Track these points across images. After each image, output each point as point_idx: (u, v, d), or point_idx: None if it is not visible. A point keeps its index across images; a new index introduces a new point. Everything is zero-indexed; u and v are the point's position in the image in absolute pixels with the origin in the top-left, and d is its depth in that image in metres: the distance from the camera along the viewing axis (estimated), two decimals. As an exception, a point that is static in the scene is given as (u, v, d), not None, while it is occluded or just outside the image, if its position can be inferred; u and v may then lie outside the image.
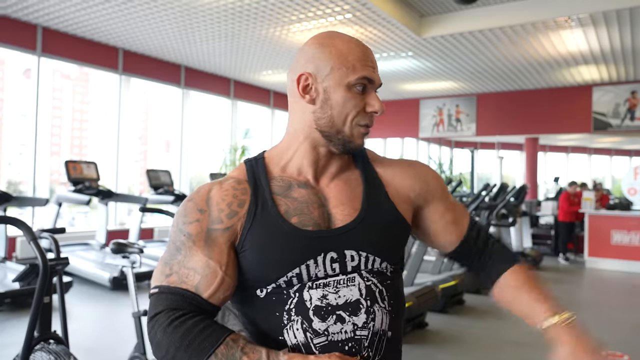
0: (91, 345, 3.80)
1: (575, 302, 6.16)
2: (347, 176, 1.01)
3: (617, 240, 8.09)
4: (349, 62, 0.92)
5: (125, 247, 2.94)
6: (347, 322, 0.88)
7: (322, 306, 0.89)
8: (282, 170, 0.99)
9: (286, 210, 0.93)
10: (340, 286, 0.90)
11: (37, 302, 1.89)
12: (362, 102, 0.94)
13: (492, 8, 6.52)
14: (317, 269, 0.90)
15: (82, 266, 5.94)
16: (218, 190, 0.95)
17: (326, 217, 0.94)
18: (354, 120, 0.94)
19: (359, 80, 0.92)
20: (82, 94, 24.90)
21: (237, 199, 0.94)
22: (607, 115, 9.53)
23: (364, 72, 0.93)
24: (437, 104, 11.20)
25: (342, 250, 0.91)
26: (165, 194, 6.99)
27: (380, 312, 0.91)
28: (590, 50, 7.61)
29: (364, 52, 0.95)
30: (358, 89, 0.93)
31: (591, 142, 16.63)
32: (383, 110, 0.94)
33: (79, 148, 24.53)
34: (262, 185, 0.96)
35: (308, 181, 0.98)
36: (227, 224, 0.92)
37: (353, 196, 0.97)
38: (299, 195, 0.95)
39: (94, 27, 6.83)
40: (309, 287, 0.90)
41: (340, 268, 0.91)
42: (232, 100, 9.90)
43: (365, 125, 0.95)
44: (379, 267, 0.94)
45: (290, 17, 6.29)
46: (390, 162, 1.06)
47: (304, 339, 0.88)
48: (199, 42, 7.41)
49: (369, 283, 0.92)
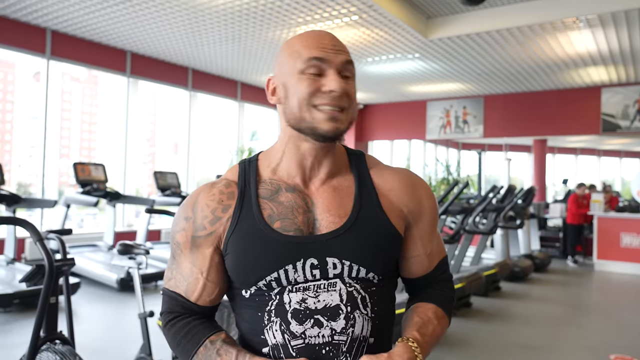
0: (98, 346, 3.82)
1: (584, 305, 6.11)
2: (338, 182, 0.98)
3: (627, 243, 8.02)
4: (297, 51, 0.92)
5: (131, 249, 2.96)
6: (325, 326, 0.89)
7: (300, 309, 0.90)
8: (273, 172, 0.99)
9: (270, 215, 0.94)
10: (321, 291, 0.91)
11: (43, 302, 1.90)
12: (315, 84, 0.90)
13: (499, 9, 6.49)
14: (296, 274, 0.91)
15: (90, 267, 5.98)
16: (206, 195, 0.98)
17: (311, 222, 0.94)
18: (309, 103, 0.90)
19: (307, 63, 0.90)
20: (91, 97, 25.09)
21: (222, 204, 0.96)
22: (616, 117, 9.45)
23: (309, 53, 0.90)
24: (444, 106, 11.16)
25: (324, 258, 0.91)
26: (172, 196, 7.02)
27: (362, 319, 0.91)
28: (598, 51, 7.56)
29: (315, 37, 0.93)
30: (311, 73, 0.91)
31: (600, 143, 16.51)
32: (341, 88, 0.89)
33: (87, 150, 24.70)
34: (250, 189, 0.97)
35: (297, 185, 0.97)
36: (210, 230, 0.96)
37: (342, 204, 0.95)
38: (285, 200, 0.95)
39: (102, 30, 6.89)
40: (289, 290, 0.91)
41: (321, 274, 0.91)
42: (239, 102, 9.93)
43: (324, 106, 0.89)
44: (364, 276, 0.93)
45: (296, 19, 6.30)
46: (390, 171, 1.03)
47: (282, 340, 0.91)
48: (206, 44, 7.45)
49: (351, 289, 0.91)
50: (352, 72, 0.94)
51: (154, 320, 3.74)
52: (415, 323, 0.96)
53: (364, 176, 1.00)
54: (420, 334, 0.94)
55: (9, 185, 12.35)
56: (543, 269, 7.99)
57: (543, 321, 5.00)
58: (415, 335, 0.93)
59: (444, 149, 15.49)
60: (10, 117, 23.24)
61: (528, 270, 7.13)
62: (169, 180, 7.26)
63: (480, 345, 4.15)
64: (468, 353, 3.94)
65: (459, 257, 5.90)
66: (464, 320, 4.86)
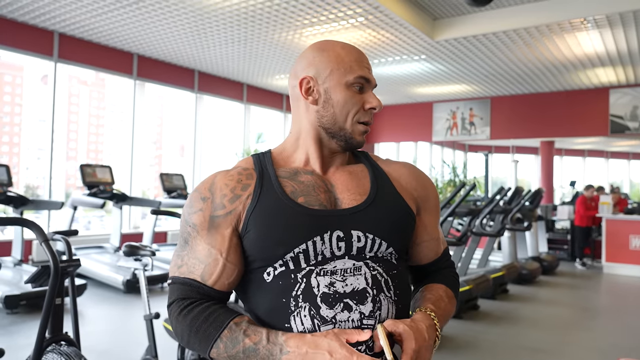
0: (104, 348, 3.83)
1: (593, 308, 6.05)
2: (352, 168, 1.04)
3: (636, 246, 7.94)
4: (347, 64, 0.98)
5: (137, 250, 2.96)
6: (354, 310, 0.89)
7: (329, 293, 0.89)
8: (287, 161, 1.04)
9: (292, 191, 0.96)
10: (347, 275, 0.91)
11: (48, 303, 1.90)
12: (361, 100, 0.99)
13: (505, 10, 6.46)
14: (323, 246, 0.92)
15: (96, 269, 5.99)
16: (223, 177, 0.99)
17: (332, 200, 0.97)
18: (354, 117, 0.99)
19: (356, 80, 0.98)
20: (98, 100, 25.23)
21: (241, 183, 0.98)
22: (624, 118, 9.37)
23: (360, 72, 0.99)
24: (450, 107, 11.12)
25: (349, 230, 0.93)
26: (178, 198, 7.04)
27: (387, 302, 0.92)
28: (606, 52, 7.50)
29: (359, 55, 1.01)
30: (356, 88, 0.99)
31: (608, 145, 16.38)
32: (381, 106, 0.99)
33: (95, 153, 24.83)
34: (268, 171, 1.00)
35: (314, 170, 1.02)
36: (229, 208, 0.95)
37: (360, 184, 1.01)
38: (305, 180, 0.99)
39: (109, 33, 6.92)
40: (316, 274, 0.90)
41: (346, 248, 0.92)
42: (245, 104, 9.94)
43: (365, 123, 1.00)
44: (384, 253, 0.95)
45: (302, 21, 6.30)
46: (394, 162, 1.11)
47: (312, 325, 0.88)
48: (212, 46, 7.47)
49: (375, 272, 0.93)
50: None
51: (160, 322, 3.73)
52: (428, 299, 1.01)
53: (375, 164, 1.08)
54: (436, 307, 0.98)
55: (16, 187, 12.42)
56: (551, 272, 7.92)
57: (551, 324, 4.96)
58: (432, 307, 0.98)
59: (450, 151, 15.43)
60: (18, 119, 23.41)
61: (536, 272, 7.07)
62: (175, 182, 7.28)
63: (487, 348, 4.11)
64: (476, 356, 3.90)
65: (466, 260, 5.87)
66: (472, 323, 4.82)
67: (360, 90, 0.99)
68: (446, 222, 5.37)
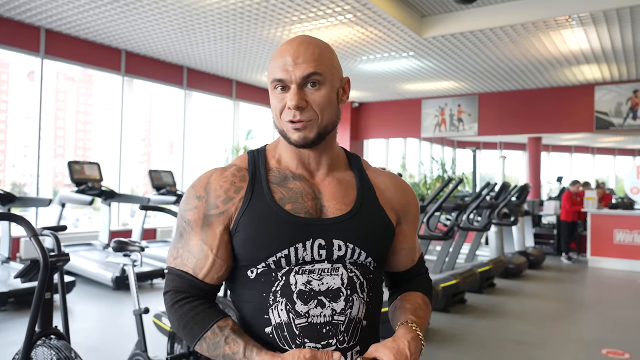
0: (94, 344, 3.83)
1: (578, 301, 6.16)
2: (341, 176, 1.08)
3: (620, 240, 8.08)
4: (272, 66, 1.00)
5: (126, 246, 2.97)
6: (326, 306, 0.96)
7: (305, 290, 0.96)
8: (279, 163, 1.07)
9: (281, 198, 1.01)
10: (325, 274, 0.98)
11: (37, 297, 1.91)
12: (283, 100, 0.98)
13: (492, 7, 6.52)
14: (304, 252, 0.97)
15: (85, 266, 5.98)
16: (218, 177, 1.04)
17: (319, 208, 1.02)
18: (281, 117, 1.00)
19: (273, 82, 1.00)
20: (86, 96, 24.97)
21: (235, 186, 1.02)
22: (609, 115, 9.51)
23: (274, 75, 0.99)
24: (439, 104, 11.20)
25: (331, 239, 0.98)
26: (167, 194, 7.03)
27: (359, 302, 0.99)
28: (591, 49, 7.60)
29: (280, 55, 0.99)
30: (278, 89, 0.99)
31: (594, 141, 16.59)
32: (295, 104, 0.96)
33: (82, 150, 24.59)
34: (260, 174, 1.04)
35: (303, 175, 1.05)
36: (222, 209, 1.00)
37: (346, 194, 1.05)
38: (294, 186, 1.02)
39: (97, 29, 6.88)
40: (295, 272, 0.97)
41: (326, 255, 0.98)
42: (234, 100, 9.93)
43: (289, 121, 0.98)
44: (363, 261, 1.01)
45: (291, 18, 6.32)
46: (380, 173, 1.14)
47: (287, 318, 0.96)
48: (201, 43, 7.45)
49: (352, 274, 0.99)
50: (322, 78, 0.98)
51: (149, 317, 3.75)
52: (408, 309, 1.07)
53: (363, 174, 1.11)
54: (416, 317, 1.05)
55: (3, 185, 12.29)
56: (537, 266, 8.04)
57: (537, 317, 5.04)
58: (412, 318, 1.03)
59: (439, 147, 15.53)
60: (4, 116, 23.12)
61: (522, 267, 7.18)
62: (164, 179, 7.26)
63: (474, 341, 4.18)
64: (463, 348, 3.97)
65: (454, 254, 5.94)
66: (459, 317, 4.89)
67: (283, 89, 0.98)
68: (434, 217, 5.43)
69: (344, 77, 1.05)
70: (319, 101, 0.98)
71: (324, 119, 0.99)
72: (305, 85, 0.97)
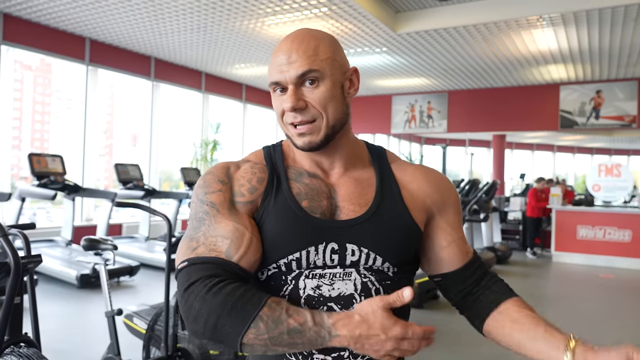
0: (61, 347, 3.65)
1: (543, 295, 6.31)
2: (359, 175, 1.00)
3: (582, 235, 8.33)
4: (270, 69, 0.94)
5: (97, 244, 2.82)
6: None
7: (314, 296, 0.89)
8: (294, 161, 1.02)
9: (298, 193, 0.95)
10: (336, 279, 0.90)
11: (7, 303, 1.76)
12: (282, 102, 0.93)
13: (466, 5, 6.58)
14: (316, 256, 0.91)
15: (48, 264, 5.69)
16: (236, 168, 0.98)
17: (333, 209, 0.95)
18: (283, 120, 0.95)
19: (272, 86, 0.95)
20: (44, 86, 24.01)
21: (256, 176, 0.96)
22: (573, 114, 9.79)
23: (271, 77, 0.94)
24: (409, 100, 11.27)
25: (344, 243, 0.91)
26: (134, 189, 6.80)
27: None
28: (559, 50, 7.79)
29: (278, 51, 0.94)
30: (278, 91, 0.94)
31: (556, 139, 17.11)
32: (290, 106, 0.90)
33: (40, 142, 23.64)
34: (278, 168, 0.99)
35: (318, 174, 0.99)
36: (249, 198, 0.94)
37: (363, 194, 0.97)
38: (310, 182, 0.97)
39: (60, 15, 6.55)
40: (305, 276, 0.90)
41: (339, 260, 0.91)
42: (204, 93, 9.71)
43: (291, 125, 0.93)
44: (379, 267, 0.93)
45: (265, 10, 6.18)
46: (409, 165, 1.06)
47: None
48: (170, 33, 7.21)
49: (366, 280, 0.91)
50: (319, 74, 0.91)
51: (120, 318, 3.59)
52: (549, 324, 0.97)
53: (385, 169, 1.02)
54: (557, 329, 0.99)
55: (-45, 177, 11.60)
56: (504, 261, 8.21)
57: (508, 312, 5.12)
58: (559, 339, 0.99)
59: (407, 144, 15.67)
60: (-45, 105, 21.98)
61: (490, 262, 7.30)
62: (131, 172, 7.02)
63: (451, 336, 4.20)
64: (440, 345, 3.98)
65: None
66: (432, 312, 4.92)
67: (282, 91, 0.93)
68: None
69: (350, 68, 0.97)
70: (320, 99, 0.91)
71: (329, 117, 0.92)
72: (302, 84, 0.91)
